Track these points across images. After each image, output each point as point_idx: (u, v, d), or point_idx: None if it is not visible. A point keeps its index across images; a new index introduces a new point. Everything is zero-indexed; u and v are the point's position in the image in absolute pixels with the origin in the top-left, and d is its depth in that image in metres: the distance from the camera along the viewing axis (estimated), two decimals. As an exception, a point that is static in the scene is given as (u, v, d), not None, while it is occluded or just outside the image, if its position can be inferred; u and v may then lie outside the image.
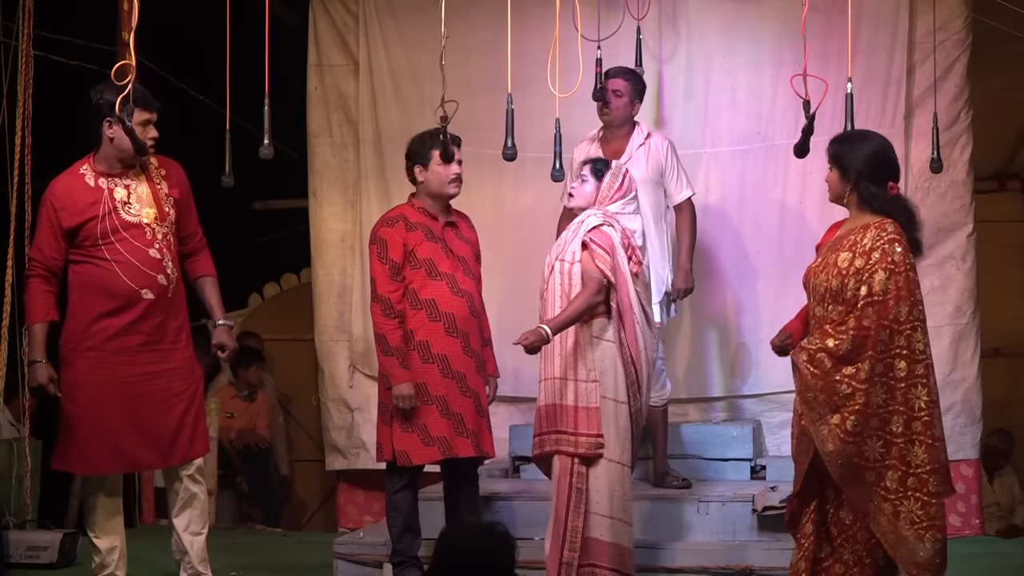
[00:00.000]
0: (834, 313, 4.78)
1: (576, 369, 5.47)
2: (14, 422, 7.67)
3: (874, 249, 4.73)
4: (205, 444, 5.72)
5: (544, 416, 5.53)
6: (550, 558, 5.46)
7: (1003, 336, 9.22)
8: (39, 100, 7.17)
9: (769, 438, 7.11)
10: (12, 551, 6.63)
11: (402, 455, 5.79)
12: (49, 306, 5.55)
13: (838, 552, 4.87)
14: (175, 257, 5.56)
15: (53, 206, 5.50)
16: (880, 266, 4.70)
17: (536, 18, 6.47)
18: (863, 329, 4.68)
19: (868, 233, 4.78)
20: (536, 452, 5.60)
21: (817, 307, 4.86)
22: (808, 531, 4.89)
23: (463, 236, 5.98)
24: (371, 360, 7.63)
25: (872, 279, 4.70)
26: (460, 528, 4.54)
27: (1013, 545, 7.42)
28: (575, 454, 5.45)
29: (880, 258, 4.71)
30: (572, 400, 5.46)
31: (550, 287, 5.58)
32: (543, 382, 5.56)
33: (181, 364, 5.57)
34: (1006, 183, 9.78)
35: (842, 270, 4.77)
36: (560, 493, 5.48)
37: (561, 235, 5.75)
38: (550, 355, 5.53)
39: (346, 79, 7.94)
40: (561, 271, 5.55)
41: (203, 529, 5.66)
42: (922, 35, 7.28)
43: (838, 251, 4.83)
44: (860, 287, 4.71)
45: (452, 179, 5.88)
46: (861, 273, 4.72)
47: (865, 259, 4.73)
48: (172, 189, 5.60)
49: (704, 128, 7.53)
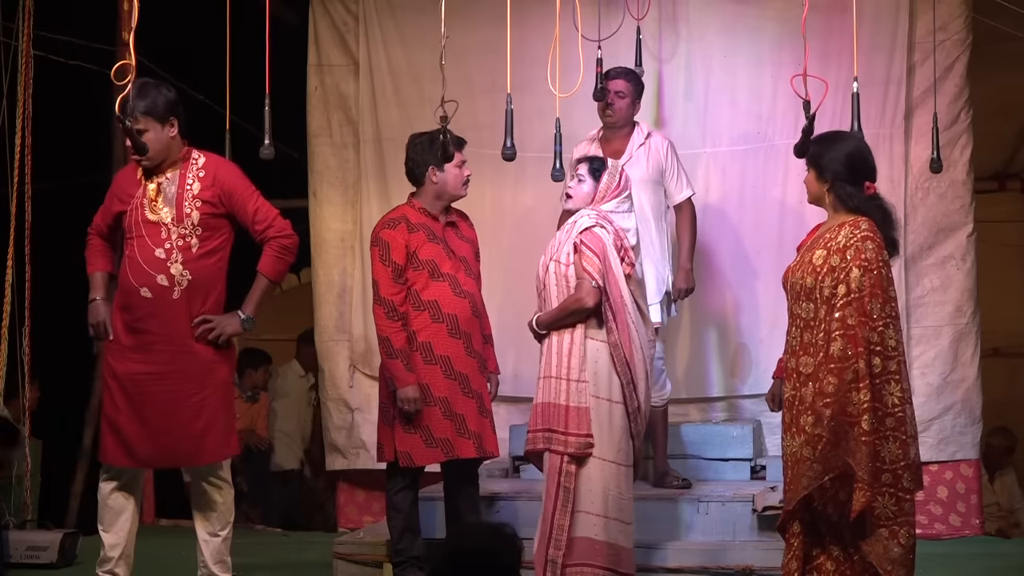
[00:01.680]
0: (807, 311, 4.80)
1: (569, 368, 5.49)
2: (15, 422, 7.67)
3: (848, 247, 4.75)
4: (218, 449, 5.54)
5: (540, 414, 5.54)
6: (537, 556, 5.47)
7: (1003, 336, 9.23)
8: (39, 100, 7.16)
9: (769, 438, 7.11)
10: (12, 551, 6.63)
11: (405, 456, 5.80)
12: (107, 259, 5.67)
13: (828, 549, 4.87)
14: (192, 260, 5.46)
15: (112, 188, 5.67)
16: (854, 263, 4.72)
17: (536, 18, 6.48)
18: (849, 328, 4.69)
19: (842, 231, 4.80)
20: (528, 448, 5.61)
21: (794, 305, 4.88)
22: (796, 530, 4.88)
23: (463, 235, 5.98)
24: (371, 360, 7.65)
25: (848, 277, 4.72)
26: (467, 529, 4.54)
27: (1013, 545, 7.42)
28: (564, 453, 5.47)
29: (854, 255, 4.73)
30: (564, 399, 5.48)
31: (547, 287, 5.61)
32: (540, 380, 5.57)
33: (193, 367, 5.47)
34: (1006, 183, 9.79)
35: (816, 267, 4.79)
36: (548, 491, 5.50)
37: (556, 235, 5.76)
38: (547, 354, 5.56)
39: (346, 79, 7.94)
40: (556, 272, 5.58)
41: (221, 531, 5.62)
42: (922, 35, 7.28)
43: (813, 249, 4.86)
44: (838, 286, 4.72)
45: (465, 181, 5.90)
46: (836, 271, 4.74)
47: (840, 256, 4.75)
48: (204, 191, 5.50)
49: (704, 128, 7.53)
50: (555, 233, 5.88)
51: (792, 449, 4.83)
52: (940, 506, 7.27)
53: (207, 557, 5.61)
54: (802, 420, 4.77)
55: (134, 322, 5.47)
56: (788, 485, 4.88)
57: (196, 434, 5.48)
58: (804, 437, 4.74)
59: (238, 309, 5.59)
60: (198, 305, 5.48)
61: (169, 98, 5.48)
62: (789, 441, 4.85)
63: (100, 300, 5.58)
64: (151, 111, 5.43)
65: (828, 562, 4.86)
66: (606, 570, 5.46)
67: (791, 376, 4.87)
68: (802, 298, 4.83)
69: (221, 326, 5.49)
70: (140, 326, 5.47)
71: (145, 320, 5.46)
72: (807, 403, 4.76)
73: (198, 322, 5.46)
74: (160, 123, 5.44)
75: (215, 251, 5.53)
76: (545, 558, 5.45)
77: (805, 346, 4.81)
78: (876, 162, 5.02)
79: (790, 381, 4.87)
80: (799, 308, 4.85)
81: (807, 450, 4.73)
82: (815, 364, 4.76)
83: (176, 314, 5.46)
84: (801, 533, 4.85)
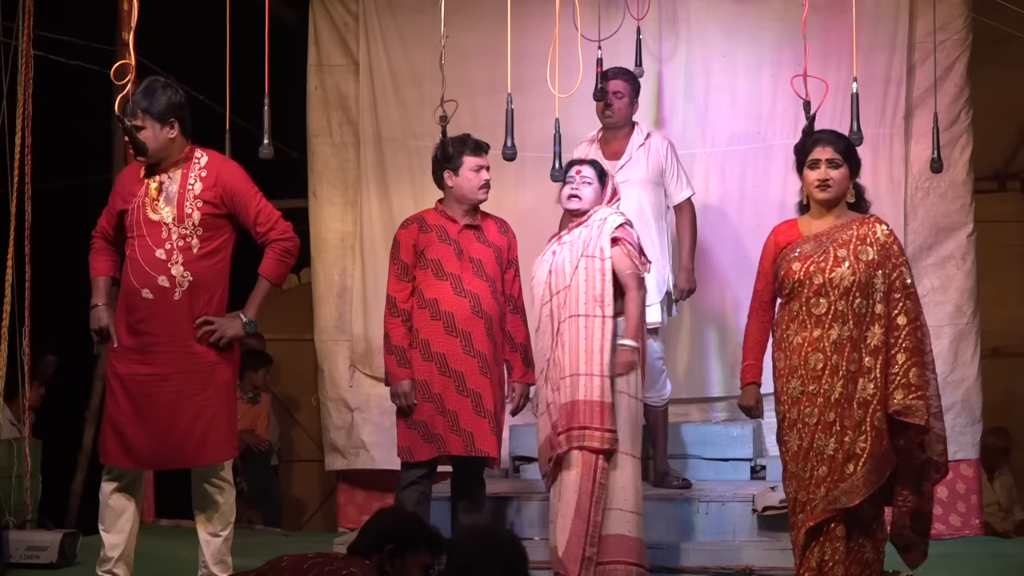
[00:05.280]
0: (861, 308, 4.89)
1: (602, 365, 5.52)
2: (15, 422, 7.67)
3: (890, 243, 4.96)
4: (220, 451, 5.53)
5: (572, 411, 5.51)
6: (571, 554, 5.44)
7: (1003, 336, 9.22)
8: (39, 100, 7.16)
9: (769, 438, 7.09)
10: (12, 551, 6.62)
11: (406, 451, 5.88)
12: (110, 263, 5.63)
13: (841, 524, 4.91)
14: (193, 260, 5.44)
15: (115, 187, 5.65)
16: (902, 260, 4.96)
17: (536, 18, 6.48)
18: (914, 321, 4.88)
19: (878, 227, 4.98)
20: (569, 446, 5.52)
21: (839, 302, 4.92)
22: (840, 533, 4.90)
23: (486, 239, 5.98)
24: (371, 360, 7.65)
25: (903, 273, 4.94)
26: (470, 532, 4.55)
27: (1013, 545, 7.42)
28: (601, 449, 5.48)
29: (899, 252, 4.96)
30: (598, 395, 5.50)
31: (573, 284, 5.59)
32: (568, 378, 5.54)
33: (196, 368, 5.46)
34: (1006, 183, 9.78)
35: (869, 263, 4.91)
36: (584, 489, 5.48)
37: (573, 232, 5.72)
38: (572, 352, 5.54)
39: (346, 79, 7.94)
40: (588, 267, 5.59)
41: (222, 531, 5.61)
42: (922, 35, 7.28)
43: (843, 246, 4.90)
44: (895, 280, 4.90)
45: (481, 185, 5.91)
46: (885, 267, 4.91)
47: (885, 253, 4.92)
48: (206, 191, 5.48)
49: (704, 128, 7.53)
50: (555, 233, 5.88)
51: (835, 447, 4.86)
52: (940, 506, 7.26)
53: (208, 557, 5.61)
54: (855, 415, 4.83)
55: (136, 323, 5.46)
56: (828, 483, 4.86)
57: (198, 435, 5.47)
58: (863, 432, 4.83)
59: (240, 311, 5.58)
60: (200, 306, 5.46)
61: (173, 100, 5.45)
62: (827, 440, 4.87)
63: (102, 306, 5.55)
64: (150, 110, 5.40)
65: (855, 566, 4.89)
66: (636, 566, 5.50)
67: (831, 374, 4.89)
68: (854, 294, 4.90)
69: (222, 328, 5.47)
70: (142, 327, 5.46)
71: (146, 321, 5.45)
72: (862, 398, 4.85)
73: (199, 323, 5.45)
74: (159, 123, 5.42)
75: (216, 251, 5.52)
76: (582, 555, 5.44)
77: (855, 342, 4.87)
78: (876, 162, 5.11)
79: (831, 379, 4.89)
80: (845, 305, 4.91)
81: (876, 445, 4.82)
82: (873, 360, 4.85)
83: (177, 315, 5.43)
84: (845, 537, 4.87)
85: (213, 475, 5.56)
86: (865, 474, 4.80)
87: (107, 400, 5.61)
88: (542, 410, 5.68)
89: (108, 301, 5.58)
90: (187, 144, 5.53)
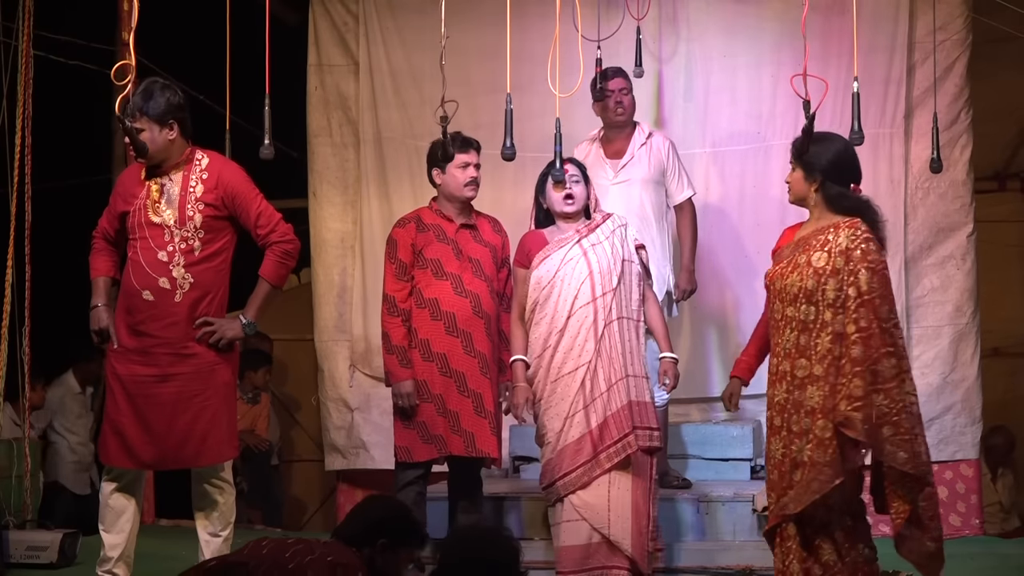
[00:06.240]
0: (807, 314, 4.76)
1: (644, 366, 5.65)
2: (19, 422, 7.67)
3: (852, 248, 4.71)
4: (220, 451, 5.53)
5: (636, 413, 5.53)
6: (638, 552, 5.46)
7: (1003, 336, 9.23)
8: (39, 100, 7.16)
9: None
10: (12, 551, 6.62)
11: (404, 451, 5.87)
12: (110, 264, 5.63)
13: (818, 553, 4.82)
14: (194, 263, 5.45)
15: (116, 189, 5.65)
16: (862, 265, 4.69)
17: (536, 18, 6.49)
18: (863, 330, 4.67)
19: (841, 232, 4.76)
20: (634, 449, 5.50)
21: (788, 308, 4.81)
22: (792, 532, 4.83)
23: (482, 239, 5.99)
24: (371, 360, 7.65)
25: (858, 279, 4.69)
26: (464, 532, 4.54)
27: (1013, 545, 7.41)
28: (655, 448, 5.60)
29: (861, 257, 4.70)
30: (649, 396, 5.62)
31: (620, 288, 5.59)
32: (623, 380, 5.52)
33: (197, 369, 5.46)
34: (1006, 183, 9.78)
35: (818, 270, 4.74)
36: (642, 488, 5.53)
37: (594, 234, 5.68)
38: (615, 355, 5.54)
39: (346, 79, 7.95)
40: (630, 271, 5.65)
41: (222, 532, 5.61)
42: (922, 35, 7.29)
43: (808, 251, 4.80)
44: (846, 288, 4.69)
45: (467, 182, 5.89)
46: (841, 273, 4.71)
47: (844, 258, 4.71)
48: (207, 193, 5.48)
49: (704, 128, 7.54)
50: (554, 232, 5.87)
51: (782, 453, 4.79)
52: (940, 506, 7.26)
53: (208, 557, 5.60)
54: (802, 423, 4.74)
55: (136, 325, 5.46)
56: (779, 489, 4.82)
57: (198, 436, 5.47)
58: (811, 440, 4.71)
59: (239, 312, 5.58)
60: (200, 308, 5.46)
61: (172, 101, 5.45)
62: (778, 444, 4.81)
63: (102, 307, 5.55)
64: (148, 111, 5.40)
65: (816, 566, 4.83)
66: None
67: (782, 379, 4.82)
68: (800, 300, 4.77)
69: (222, 330, 5.47)
70: (142, 329, 5.46)
71: (147, 323, 5.45)
72: (809, 407, 4.72)
73: (199, 324, 5.45)
74: (158, 124, 5.42)
75: (217, 253, 5.52)
76: (646, 552, 5.49)
77: (802, 349, 4.77)
78: (876, 162, 5.03)
79: (781, 384, 4.82)
80: (793, 311, 4.79)
81: (818, 453, 4.69)
82: (822, 368, 4.71)
83: (178, 317, 5.44)
84: (797, 535, 4.83)
85: (213, 475, 5.56)
86: (807, 483, 4.75)
87: (107, 401, 5.61)
88: (574, 410, 5.54)
89: (108, 302, 5.59)
90: (187, 145, 5.53)
